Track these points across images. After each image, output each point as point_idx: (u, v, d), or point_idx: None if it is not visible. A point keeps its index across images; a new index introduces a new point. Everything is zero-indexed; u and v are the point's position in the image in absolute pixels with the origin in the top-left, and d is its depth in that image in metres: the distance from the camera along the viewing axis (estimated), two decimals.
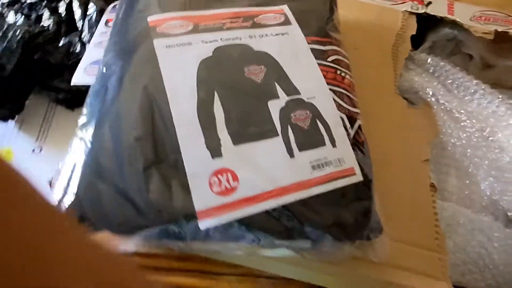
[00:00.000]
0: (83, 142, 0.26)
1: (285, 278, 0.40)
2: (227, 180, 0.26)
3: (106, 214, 0.24)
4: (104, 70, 0.30)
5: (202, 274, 0.41)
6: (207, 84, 0.29)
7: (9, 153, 0.47)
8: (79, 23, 0.46)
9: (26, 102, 0.49)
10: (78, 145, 0.26)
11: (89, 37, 0.43)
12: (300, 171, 0.28)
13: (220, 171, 0.26)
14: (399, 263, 0.31)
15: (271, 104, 0.30)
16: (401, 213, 0.34)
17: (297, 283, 0.40)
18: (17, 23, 0.46)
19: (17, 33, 0.42)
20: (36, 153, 0.47)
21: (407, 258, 0.31)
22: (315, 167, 0.29)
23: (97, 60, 0.37)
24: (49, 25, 0.46)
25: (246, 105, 0.29)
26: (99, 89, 0.29)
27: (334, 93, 0.32)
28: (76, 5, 0.47)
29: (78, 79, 0.37)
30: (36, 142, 0.47)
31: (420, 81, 0.39)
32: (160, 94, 0.28)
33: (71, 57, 0.43)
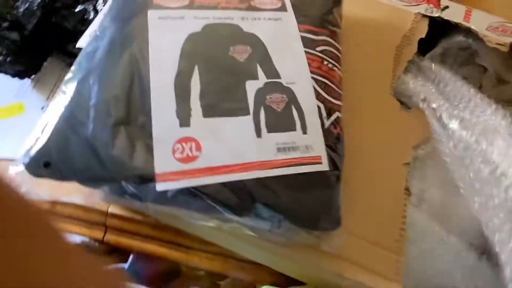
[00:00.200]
0: (64, 95, 0.28)
1: (253, 262, 0.41)
2: (190, 148, 0.27)
3: (72, 163, 0.26)
4: (98, 33, 0.31)
5: (175, 246, 0.42)
6: (190, 56, 0.30)
7: (21, 107, 0.50)
8: None
9: (44, 64, 0.53)
10: (59, 98, 0.28)
11: (103, 5, 0.45)
12: (264, 151, 0.29)
13: (185, 139, 0.28)
14: (354, 258, 0.31)
15: (249, 83, 0.31)
16: (369, 211, 0.33)
17: (264, 268, 0.41)
18: None
19: None
20: (45, 111, 0.50)
21: (364, 255, 0.31)
22: (280, 149, 0.29)
23: None
24: None
25: (223, 81, 0.30)
26: (90, 51, 0.31)
27: (315, 81, 0.32)
28: None
29: (83, 43, 0.39)
30: (47, 101, 0.51)
31: (415, 84, 0.38)
32: (144, 60, 0.29)
33: (85, 24, 0.46)
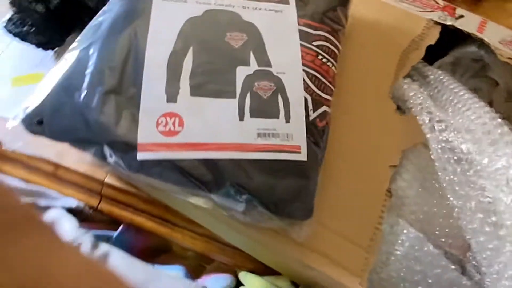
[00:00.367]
0: (65, 62, 0.30)
1: (234, 247, 0.42)
2: (173, 123, 0.29)
3: (62, 124, 0.28)
4: (106, 8, 0.34)
5: (162, 221, 0.44)
6: (186, 38, 0.32)
7: (42, 76, 0.54)
8: None
9: (67, 38, 0.56)
10: (61, 64, 0.30)
11: None
12: (244, 134, 0.30)
13: (169, 114, 0.29)
14: (323, 250, 0.31)
15: (240, 69, 0.32)
16: (347, 207, 0.34)
17: (244, 254, 0.42)
18: None
19: None
20: None
21: (334, 248, 0.32)
22: (260, 134, 0.30)
23: None
24: None
25: (215, 64, 0.31)
26: (96, 24, 0.33)
27: (306, 74, 0.33)
28: None
29: None
30: None
31: (413, 90, 0.38)
32: (142, 37, 0.31)
33: (106, 3, 0.49)
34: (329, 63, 0.35)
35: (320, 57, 0.34)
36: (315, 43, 0.35)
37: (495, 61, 0.46)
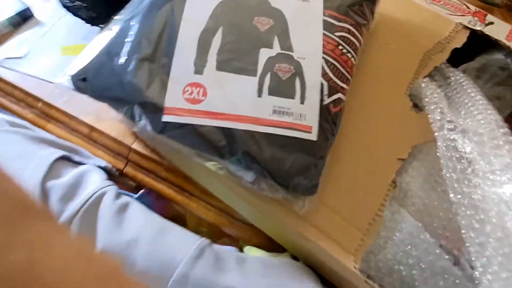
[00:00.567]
0: (109, 31, 0.34)
1: (244, 222, 0.45)
2: (197, 93, 0.32)
3: (102, 83, 0.32)
4: None
5: (180, 190, 0.48)
6: (218, 18, 0.35)
7: None
8: None
9: (113, 16, 0.61)
10: (106, 33, 0.34)
11: None
12: (260, 109, 0.32)
13: (195, 84, 0.32)
14: (322, 226, 0.33)
15: (263, 51, 0.34)
16: (351, 191, 0.35)
17: (252, 229, 0.44)
18: None
19: None
20: None
21: (332, 226, 0.33)
22: (276, 111, 0.33)
23: None
24: None
25: (241, 44, 0.34)
26: (138, 0, 0.36)
27: (325, 61, 0.35)
28: None
29: None
30: None
31: (431, 89, 0.39)
32: (179, 14, 0.35)
33: None
34: (348, 54, 0.37)
35: (340, 47, 0.36)
36: (337, 33, 0.37)
37: None
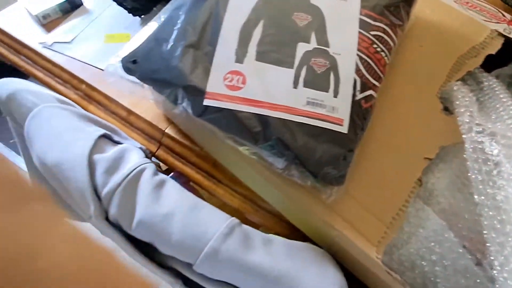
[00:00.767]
0: (159, 20, 0.37)
1: (267, 211, 0.47)
2: (237, 80, 0.34)
3: (150, 65, 0.34)
4: None
5: (208, 176, 0.50)
6: (259, 11, 0.37)
7: (128, 37, 0.63)
8: None
9: (154, 8, 0.65)
10: (154, 22, 0.37)
11: None
12: (295, 100, 0.34)
13: (235, 72, 0.34)
14: (347, 216, 0.35)
15: (300, 45, 0.36)
16: (377, 185, 0.37)
17: (275, 218, 0.46)
18: None
19: None
20: None
21: (357, 217, 0.35)
22: (309, 102, 0.34)
23: None
24: None
25: (280, 37, 0.36)
26: None
27: (359, 58, 0.36)
28: None
29: None
30: None
31: (462, 93, 0.39)
32: (223, 6, 0.37)
33: None
34: (382, 53, 0.38)
35: (375, 45, 0.37)
36: (372, 32, 0.38)
37: None
